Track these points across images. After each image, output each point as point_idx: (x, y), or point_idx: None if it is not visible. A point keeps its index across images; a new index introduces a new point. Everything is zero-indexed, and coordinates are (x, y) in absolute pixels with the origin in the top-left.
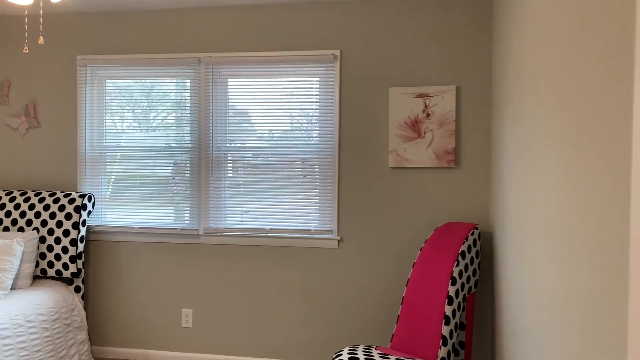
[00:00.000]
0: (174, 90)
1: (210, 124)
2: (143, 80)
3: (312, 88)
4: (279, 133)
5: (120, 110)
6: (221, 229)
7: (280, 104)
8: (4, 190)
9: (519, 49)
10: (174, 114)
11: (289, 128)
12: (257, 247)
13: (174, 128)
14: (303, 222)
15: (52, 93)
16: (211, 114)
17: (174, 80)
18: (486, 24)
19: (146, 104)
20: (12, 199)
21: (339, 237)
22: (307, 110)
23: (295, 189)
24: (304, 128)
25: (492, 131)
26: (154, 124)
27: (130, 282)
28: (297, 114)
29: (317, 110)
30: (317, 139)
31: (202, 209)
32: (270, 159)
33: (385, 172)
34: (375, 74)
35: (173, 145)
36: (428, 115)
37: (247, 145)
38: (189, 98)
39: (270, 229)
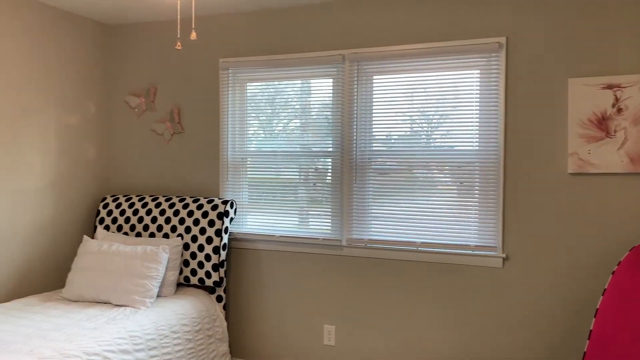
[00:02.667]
0: (315, 91)
1: (355, 126)
2: (283, 82)
3: (472, 82)
4: (432, 134)
5: (260, 114)
6: (366, 240)
7: (433, 101)
8: (150, 196)
9: None
10: (314, 116)
11: (444, 128)
12: (406, 262)
13: (315, 131)
14: (460, 236)
15: (195, 98)
16: (355, 115)
17: (316, 80)
18: None
19: (285, 106)
20: (157, 205)
21: (504, 255)
22: (465, 108)
23: (451, 198)
24: (462, 128)
25: None
26: (292, 127)
27: (271, 293)
28: (453, 112)
29: (478, 108)
30: (478, 140)
31: (345, 218)
32: (421, 163)
33: (564, 179)
34: (550, 63)
35: (314, 149)
36: (619, 110)
37: (394, 148)
38: (331, 98)
39: (422, 242)
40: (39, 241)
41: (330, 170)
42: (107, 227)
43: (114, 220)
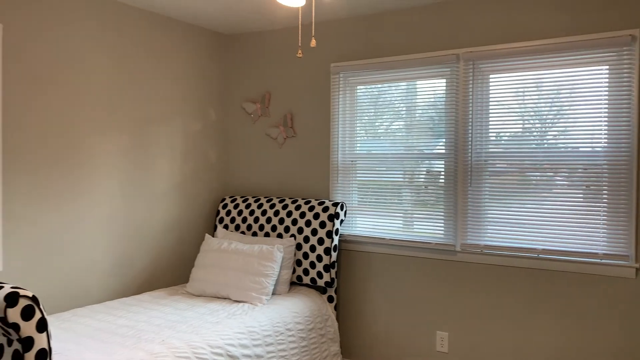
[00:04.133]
0: (424, 92)
1: (470, 127)
2: (393, 84)
3: (599, 79)
4: (552, 134)
5: (369, 116)
6: (481, 246)
7: (555, 100)
8: (265, 197)
9: None
10: (421, 118)
11: (566, 128)
12: (525, 270)
13: (423, 132)
14: (586, 243)
15: (307, 103)
16: (470, 116)
17: (425, 81)
18: None
19: (393, 109)
20: (272, 206)
21: (637, 265)
22: (591, 106)
23: (575, 202)
24: (587, 127)
25: None
26: (399, 129)
27: (381, 296)
28: (578, 112)
29: (606, 106)
30: (606, 140)
31: (459, 223)
32: (542, 166)
33: None
34: None
35: (425, 151)
36: None
37: (511, 149)
38: (443, 99)
39: (543, 249)
40: (166, 238)
41: (443, 173)
42: (226, 226)
43: (232, 220)
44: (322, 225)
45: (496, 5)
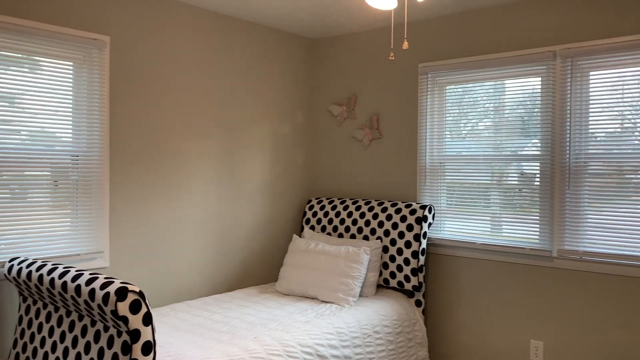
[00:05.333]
0: (517, 91)
1: (568, 127)
2: (484, 83)
3: None
4: None
5: (457, 117)
6: (580, 252)
7: None
8: (350, 199)
9: None
10: (513, 118)
11: None
12: (631, 279)
13: (516, 132)
14: None
15: (393, 104)
16: (568, 115)
17: (518, 80)
18: None
19: (483, 109)
20: (357, 208)
21: None
22: None
23: None
24: None
25: None
26: (489, 130)
27: (471, 302)
28: None
29: None
30: None
31: (555, 227)
32: None
33: None
34: None
35: (519, 152)
36: None
37: (613, 150)
38: (534, 98)
39: None
40: (256, 238)
41: (538, 175)
42: (312, 227)
43: (319, 221)
44: (410, 228)
45: None
